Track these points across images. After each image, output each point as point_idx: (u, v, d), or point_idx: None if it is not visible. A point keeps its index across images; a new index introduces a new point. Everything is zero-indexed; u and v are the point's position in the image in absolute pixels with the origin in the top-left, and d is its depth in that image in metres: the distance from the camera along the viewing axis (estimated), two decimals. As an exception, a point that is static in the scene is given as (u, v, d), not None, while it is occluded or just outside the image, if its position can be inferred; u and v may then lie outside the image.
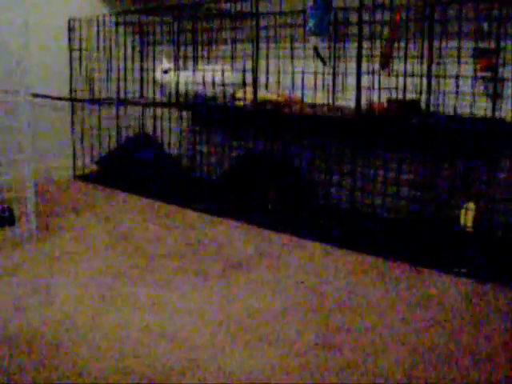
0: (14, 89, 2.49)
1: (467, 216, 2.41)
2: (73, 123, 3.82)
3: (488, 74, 2.44)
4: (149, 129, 3.93)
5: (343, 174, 2.92)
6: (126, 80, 3.76)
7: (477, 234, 2.40)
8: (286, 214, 2.86)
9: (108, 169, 3.71)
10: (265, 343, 1.62)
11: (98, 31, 3.72)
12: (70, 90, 3.76)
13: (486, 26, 2.45)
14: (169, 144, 3.69)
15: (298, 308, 1.86)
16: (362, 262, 2.30)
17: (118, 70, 3.73)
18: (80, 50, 3.72)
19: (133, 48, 3.87)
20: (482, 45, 2.45)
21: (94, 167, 3.85)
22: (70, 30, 3.71)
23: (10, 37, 3.18)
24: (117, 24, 3.72)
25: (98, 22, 3.69)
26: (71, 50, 3.73)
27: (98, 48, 3.76)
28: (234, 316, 1.79)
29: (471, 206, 2.41)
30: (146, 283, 2.05)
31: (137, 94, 3.92)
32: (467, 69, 2.49)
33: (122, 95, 3.72)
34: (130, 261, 2.28)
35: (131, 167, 3.56)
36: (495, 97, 2.32)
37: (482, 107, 2.45)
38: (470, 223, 2.41)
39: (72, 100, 3.76)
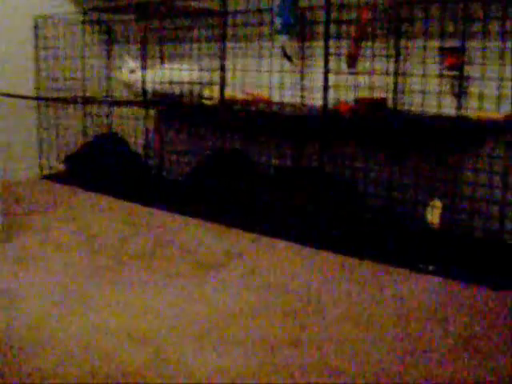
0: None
1: (433, 213, 2.43)
2: (39, 122, 3.78)
3: (454, 73, 2.46)
4: (116, 128, 3.90)
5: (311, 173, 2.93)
6: (92, 79, 3.73)
7: (443, 231, 2.43)
8: (255, 213, 2.85)
9: (75, 168, 3.67)
10: (233, 343, 1.62)
11: (65, 29, 3.68)
12: (36, 89, 3.72)
13: (451, 25, 2.47)
14: (136, 143, 3.67)
15: (267, 307, 1.86)
16: (331, 260, 2.31)
17: (85, 68, 3.70)
18: (46, 48, 3.68)
19: (100, 46, 3.84)
20: (447, 44, 2.47)
21: (61, 167, 3.81)
22: (36, 28, 3.66)
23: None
24: (83, 22, 3.69)
25: (64, 20, 3.65)
26: (37, 49, 3.69)
27: (64, 46, 3.72)
28: (203, 316, 1.79)
29: (437, 203, 2.43)
30: (113, 284, 2.03)
31: (104, 93, 3.89)
32: (433, 68, 2.51)
33: (88, 94, 3.69)
34: (98, 262, 2.25)
35: (98, 167, 3.52)
36: (461, 95, 2.35)
37: (448, 105, 2.47)
38: (436, 220, 2.43)
39: (38, 99, 3.71)
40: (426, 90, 2.52)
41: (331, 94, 2.52)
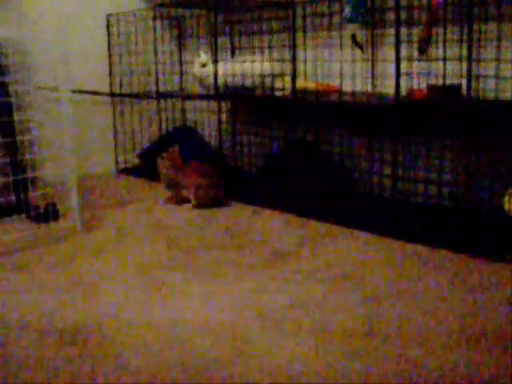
0: (55, 85, 2.53)
1: (511, 201, 2.36)
2: (114, 117, 3.86)
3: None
4: (189, 121, 3.95)
5: (384, 162, 2.89)
6: (165, 73, 3.79)
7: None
8: (328, 202, 2.84)
9: (150, 162, 3.73)
10: (311, 333, 1.62)
11: (136, 26, 3.75)
12: (110, 85, 3.80)
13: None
14: (209, 135, 3.70)
15: (341, 297, 1.85)
16: (405, 250, 2.28)
17: (157, 63, 3.76)
18: (119, 45, 3.76)
19: (171, 41, 3.89)
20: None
21: (136, 161, 3.89)
22: (109, 25, 3.74)
23: (50, 34, 3.23)
24: (154, 18, 3.75)
25: (135, 16, 3.71)
26: (110, 46, 3.76)
27: (136, 42, 3.79)
28: (279, 306, 1.79)
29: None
30: (189, 275, 2.06)
31: (177, 87, 3.94)
32: (508, 52, 2.44)
33: (161, 88, 3.75)
34: (174, 253, 2.29)
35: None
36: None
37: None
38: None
39: (112, 95, 3.80)
40: (501, 75, 2.45)
41: (403, 81, 2.48)
